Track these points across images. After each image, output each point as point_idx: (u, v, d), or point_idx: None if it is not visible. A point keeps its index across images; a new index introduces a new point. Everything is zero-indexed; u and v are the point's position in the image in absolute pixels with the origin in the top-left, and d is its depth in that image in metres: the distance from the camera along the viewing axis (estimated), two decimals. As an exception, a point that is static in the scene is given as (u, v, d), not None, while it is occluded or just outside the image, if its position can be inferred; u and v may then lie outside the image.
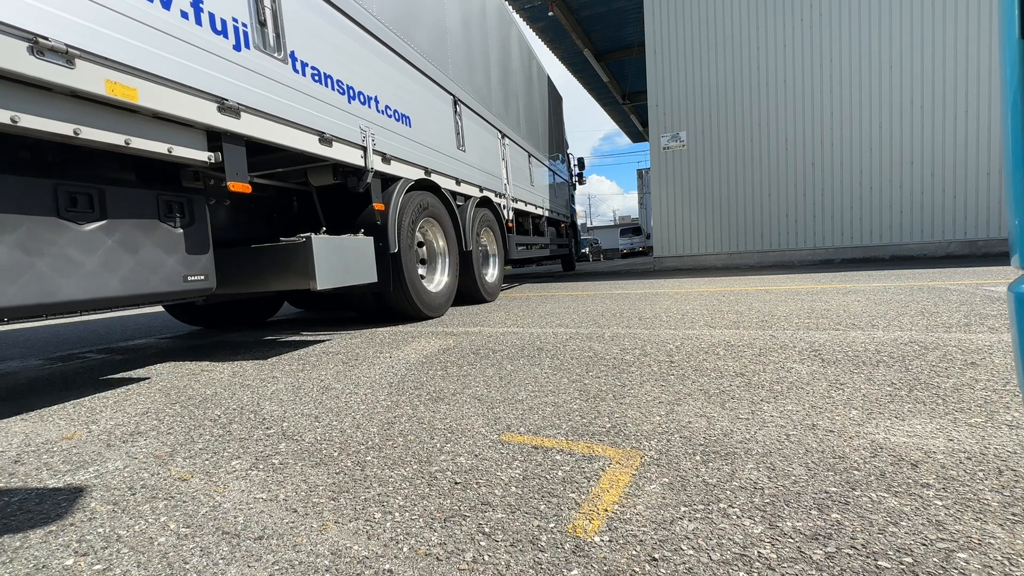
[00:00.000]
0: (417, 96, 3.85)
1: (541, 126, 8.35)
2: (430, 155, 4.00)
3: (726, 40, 8.58)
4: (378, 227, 3.26)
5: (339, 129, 2.88)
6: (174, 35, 1.93)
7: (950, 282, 4.06)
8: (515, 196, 6.39)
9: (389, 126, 3.42)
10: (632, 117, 20.58)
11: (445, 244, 4.17)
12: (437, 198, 4.05)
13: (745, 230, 8.71)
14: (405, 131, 3.64)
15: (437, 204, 4.02)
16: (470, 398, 1.69)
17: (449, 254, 4.21)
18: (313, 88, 2.68)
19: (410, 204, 3.57)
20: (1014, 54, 0.55)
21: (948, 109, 7.45)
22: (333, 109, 2.83)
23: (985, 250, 7.35)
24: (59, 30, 1.54)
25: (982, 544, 0.76)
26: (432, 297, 3.83)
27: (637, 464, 1.10)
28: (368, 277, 3.02)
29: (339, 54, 2.93)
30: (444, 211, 4.15)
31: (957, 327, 2.27)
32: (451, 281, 4.21)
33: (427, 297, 3.73)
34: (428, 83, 4.04)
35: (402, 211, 3.44)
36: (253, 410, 1.71)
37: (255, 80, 2.31)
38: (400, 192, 3.43)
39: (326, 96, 2.79)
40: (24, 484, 1.22)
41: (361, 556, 0.84)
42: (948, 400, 1.36)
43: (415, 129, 3.79)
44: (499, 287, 5.50)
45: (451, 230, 4.26)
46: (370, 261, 3.05)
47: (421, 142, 3.86)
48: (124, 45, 1.74)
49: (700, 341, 2.35)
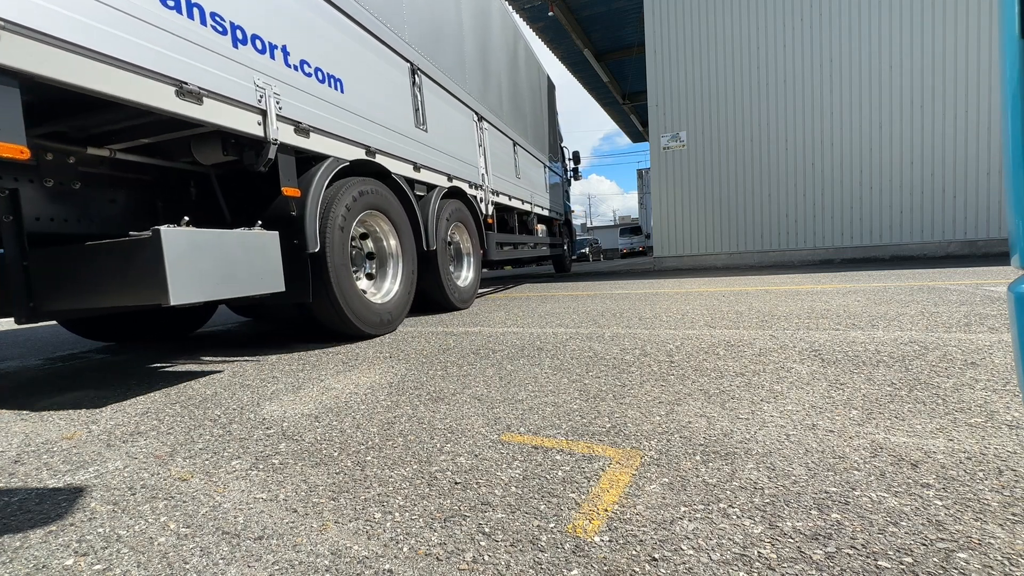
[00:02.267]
0: (355, 56, 3.09)
1: (529, 113, 7.59)
2: (374, 131, 3.25)
3: (726, 40, 8.58)
4: (293, 220, 2.54)
5: (216, 80, 2.11)
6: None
7: (950, 282, 4.06)
8: (496, 188, 5.67)
9: (306, 87, 2.65)
10: (632, 117, 20.58)
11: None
12: (386, 186, 3.34)
13: (745, 230, 8.71)
14: (334, 97, 2.86)
15: (385, 193, 3.29)
16: (470, 398, 1.69)
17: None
18: (164, 16, 1.91)
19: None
20: (1014, 54, 0.55)
21: (948, 109, 7.45)
22: (205, 52, 2.07)
23: (985, 250, 7.34)
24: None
25: (982, 544, 0.76)
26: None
27: (637, 464, 1.10)
28: (270, 285, 2.26)
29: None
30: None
31: (957, 327, 2.27)
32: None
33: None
34: (373, 43, 3.28)
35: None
36: (253, 410, 1.71)
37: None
38: (326, 175, 2.70)
39: (191, 31, 2.02)
40: (24, 484, 1.22)
41: (361, 556, 0.84)
42: (948, 400, 1.36)
43: (350, 96, 3.01)
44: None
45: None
46: (273, 263, 2.29)
47: (360, 113, 3.10)
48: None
49: (700, 341, 2.35)
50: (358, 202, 2.98)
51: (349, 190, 2.89)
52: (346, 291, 2.81)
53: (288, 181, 2.53)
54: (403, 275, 3.46)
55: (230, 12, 2.21)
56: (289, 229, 2.54)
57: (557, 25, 12.16)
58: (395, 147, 3.52)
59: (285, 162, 2.52)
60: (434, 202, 3.96)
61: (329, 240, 2.67)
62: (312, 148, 2.70)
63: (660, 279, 6.72)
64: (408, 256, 3.50)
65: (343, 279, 2.78)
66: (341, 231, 2.80)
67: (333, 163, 2.80)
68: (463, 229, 4.75)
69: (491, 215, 5.44)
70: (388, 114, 3.46)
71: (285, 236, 2.51)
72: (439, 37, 4.29)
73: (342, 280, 2.76)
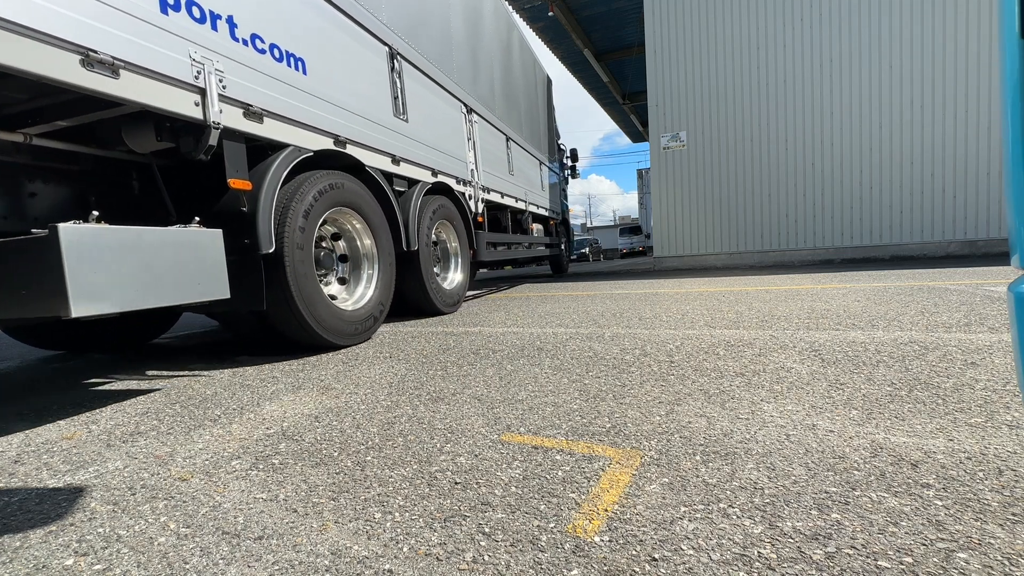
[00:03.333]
0: (322, 36, 2.77)
1: (524, 108, 7.21)
2: (345, 119, 2.94)
3: (726, 40, 8.58)
4: (243, 216, 2.24)
5: (137, 51, 1.79)
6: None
7: (950, 282, 4.06)
8: (487, 185, 5.35)
9: (259, 65, 2.32)
10: (632, 117, 20.59)
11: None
12: (359, 181, 3.02)
13: (745, 230, 8.71)
14: (295, 79, 2.55)
15: (359, 188, 2.97)
16: (470, 398, 1.69)
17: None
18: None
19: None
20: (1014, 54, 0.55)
21: (948, 109, 7.45)
22: (121, 16, 1.75)
23: (985, 250, 7.35)
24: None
25: (982, 544, 0.76)
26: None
27: (637, 464, 1.10)
28: (211, 291, 1.96)
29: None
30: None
31: (957, 327, 2.27)
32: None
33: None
34: (343, 21, 2.96)
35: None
36: (253, 410, 1.71)
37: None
38: (284, 166, 2.41)
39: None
40: (24, 484, 1.22)
41: (361, 556, 0.84)
42: (948, 400, 1.36)
43: (315, 80, 2.69)
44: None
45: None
46: (214, 266, 1.99)
47: (327, 99, 2.78)
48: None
49: (700, 341, 2.35)
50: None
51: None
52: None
53: (236, 172, 2.21)
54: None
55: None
56: (239, 227, 2.23)
57: (557, 25, 12.16)
58: (370, 138, 3.20)
59: (232, 150, 2.21)
60: (416, 199, 3.68)
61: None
62: (267, 135, 2.39)
63: (660, 279, 6.72)
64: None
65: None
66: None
67: (293, 153, 2.50)
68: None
69: (481, 213, 5.15)
70: (362, 101, 3.13)
71: (234, 235, 2.22)
72: (422, 21, 3.97)
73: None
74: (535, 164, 7.83)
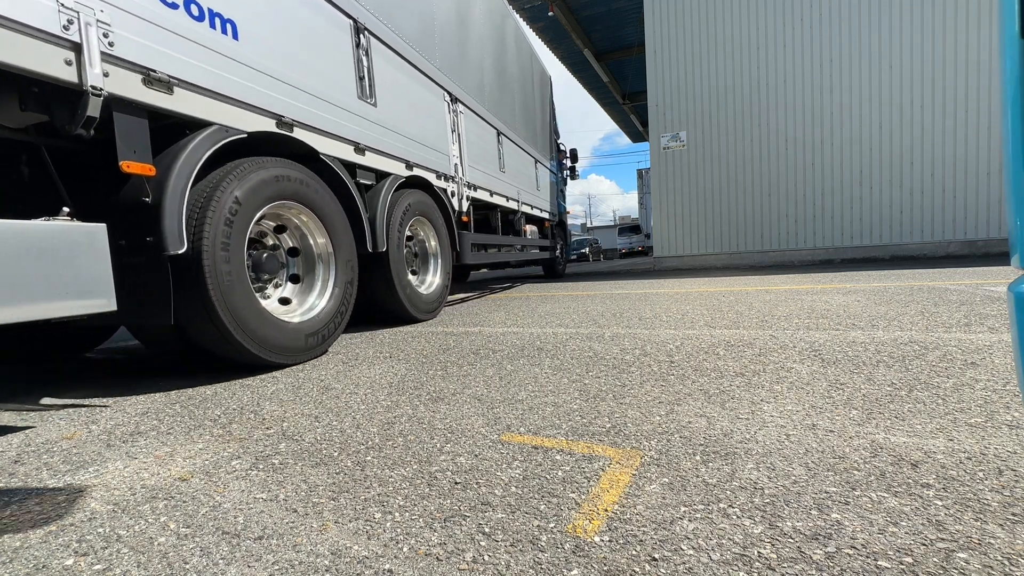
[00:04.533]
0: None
1: (519, 102, 6.78)
2: (290, 96, 2.52)
3: (726, 40, 8.58)
4: (146, 209, 1.85)
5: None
6: None
7: (950, 282, 4.06)
8: (474, 182, 4.98)
9: (164, 20, 1.92)
10: (632, 117, 20.60)
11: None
12: (309, 172, 2.60)
13: (745, 230, 8.72)
14: (220, 43, 2.13)
15: (309, 179, 2.56)
16: (470, 398, 1.69)
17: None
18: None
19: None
20: (1014, 54, 0.55)
21: (948, 109, 7.45)
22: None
23: (985, 250, 7.35)
24: None
25: (982, 544, 0.76)
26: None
27: (637, 464, 1.10)
28: (89, 301, 1.59)
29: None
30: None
31: (957, 327, 2.27)
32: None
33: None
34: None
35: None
36: (253, 410, 1.71)
37: None
38: (202, 149, 2.01)
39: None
40: (24, 484, 1.22)
41: (361, 556, 0.84)
42: (948, 400, 1.36)
43: (250, 47, 2.27)
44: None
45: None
46: (92, 270, 1.59)
47: (267, 71, 2.37)
48: None
49: (700, 341, 2.35)
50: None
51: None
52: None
53: (133, 153, 1.81)
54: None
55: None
56: (139, 222, 1.86)
57: (557, 25, 12.16)
58: (326, 121, 2.80)
59: (127, 126, 1.81)
60: (385, 194, 3.30)
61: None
62: (181, 110, 1.99)
63: (660, 279, 6.72)
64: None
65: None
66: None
67: (217, 133, 2.10)
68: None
69: (467, 212, 4.79)
70: (317, 79, 2.71)
71: (133, 232, 1.86)
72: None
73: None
74: (530, 162, 7.47)
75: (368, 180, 3.31)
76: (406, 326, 3.56)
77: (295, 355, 2.40)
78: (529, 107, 7.42)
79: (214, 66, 2.12)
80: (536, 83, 7.90)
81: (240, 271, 2.13)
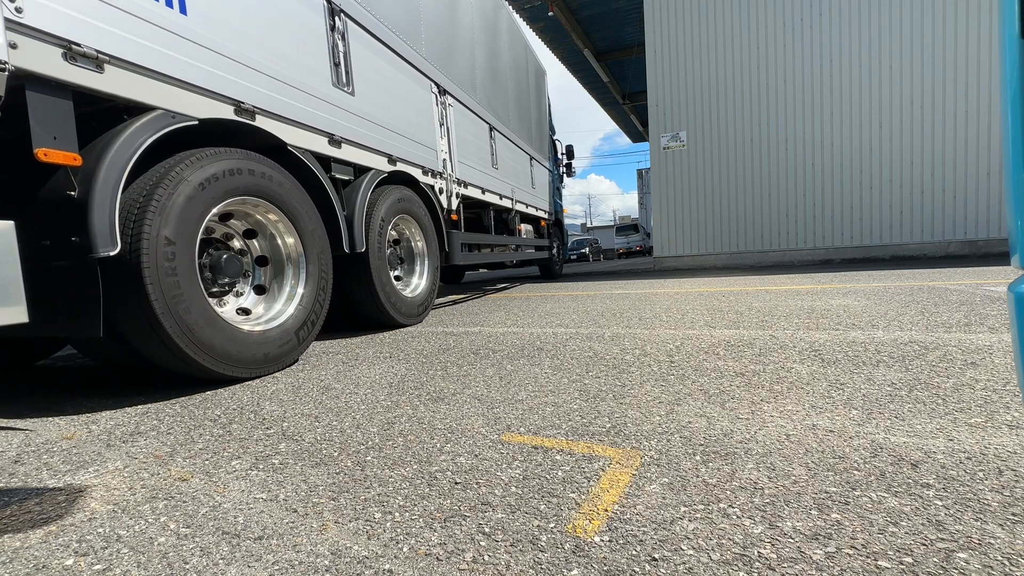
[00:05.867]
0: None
1: (512, 97, 6.54)
2: (251, 80, 2.28)
3: (726, 40, 8.58)
4: (71, 204, 1.65)
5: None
6: None
7: (950, 282, 4.06)
8: (465, 179, 4.76)
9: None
10: (632, 117, 20.61)
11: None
12: (275, 165, 2.36)
13: (745, 230, 8.72)
14: (161, 16, 1.89)
15: (276, 174, 2.34)
16: (470, 398, 1.69)
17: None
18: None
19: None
20: (1014, 54, 0.55)
21: (948, 109, 7.45)
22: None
23: (985, 250, 7.35)
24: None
25: (982, 544, 0.76)
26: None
27: (637, 464, 1.10)
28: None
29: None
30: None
31: (957, 327, 2.27)
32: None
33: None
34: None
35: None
36: (253, 410, 1.71)
37: None
38: (139, 135, 1.78)
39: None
40: (24, 484, 1.22)
41: (361, 556, 0.84)
42: (948, 400, 1.36)
43: (198, 22, 2.04)
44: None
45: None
46: (2, 276, 1.37)
47: (221, 51, 2.13)
48: None
49: (700, 341, 2.35)
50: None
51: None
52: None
53: (52, 140, 1.58)
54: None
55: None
56: (63, 219, 1.64)
57: (557, 25, 12.17)
58: (296, 109, 2.56)
59: (44, 107, 1.57)
60: (365, 190, 3.09)
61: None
62: (113, 91, 1.75)
63: (660, 279, 6.72)
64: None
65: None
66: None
67: (160, 119, 1.86)
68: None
69: (456, 210, 4.58)
70: (285, 63, 2.47)
71: (55, 230, 1.65)
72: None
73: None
74: (525, 159, 7.20)
75: (346, 175, 3.09)
76: (406, 327, 3.56)
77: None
78: (523, 102, 7.18)
79: (156, 42, 1.87)
80: (531, 77, 7.64)
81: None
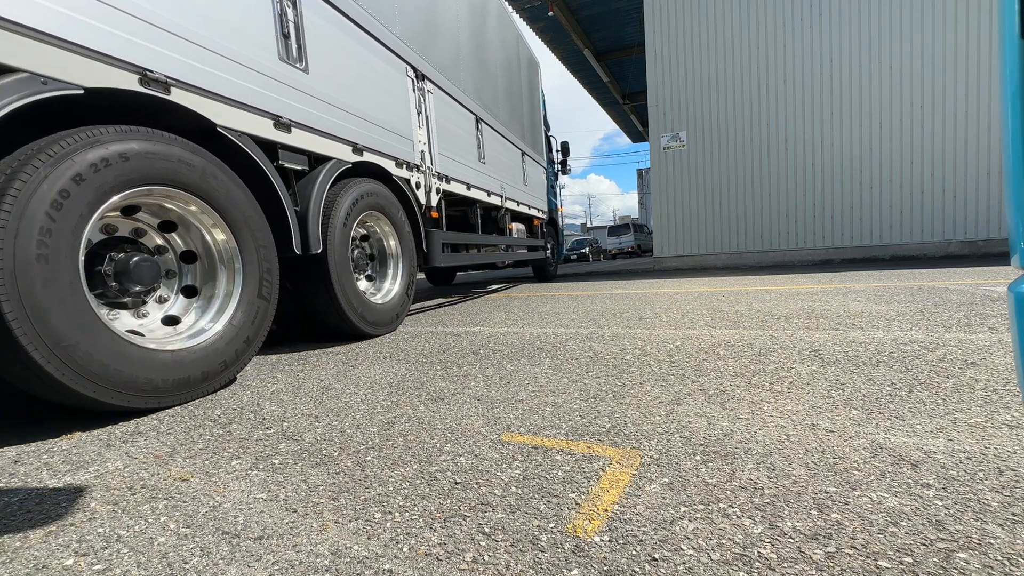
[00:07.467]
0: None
1: (502, 87, 6.09)
2: (164, 43, 1.85)
3: (726, 40, 8.58)
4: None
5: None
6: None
7: (950, 282, 4.06)
8: (447, 173, 4.31)
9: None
10: (632, 117, 20.61)
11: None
12: (197, 149, 1.95)
13: (745, 230, 8.72)
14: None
15: (198, 160, 1.93)
16: (470, 398, 1.69)
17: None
18: None
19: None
20: (1014, 54, 0.55)
21: (948, 109, 7.45)
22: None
23: (985, 250, 7.35)
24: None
25: (982, 544, 0.76)
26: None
27: (637, 464, 1.10)
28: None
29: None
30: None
31: (957, 327, 2.27)
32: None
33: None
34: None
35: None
36: (253, 410, 1.71)
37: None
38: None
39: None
40: (24, 484, 1.22)
41: (361, 556, 0.84)
42: (948, 400, 1.36)
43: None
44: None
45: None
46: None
47: (116, 5, 1.69)
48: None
49: (700, 341, 2.35)
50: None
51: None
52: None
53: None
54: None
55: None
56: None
57: (557, 25, 12.17)
58: (229, 84, 2.13)
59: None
60: (323, 181, 2.71)
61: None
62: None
63: (660, 279, 6.72)
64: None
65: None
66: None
67: (24, 84, 1.44)
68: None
69: (436, 207, 4.15)
70: (211, 26, 2.05)
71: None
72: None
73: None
74: (516, 154, 6.72)
75: (299, 165, 2.66)
76: (406, 328, 3.55)
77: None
78: (515, 94, 6.70)
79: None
80: (523, 68, 7.16)
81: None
